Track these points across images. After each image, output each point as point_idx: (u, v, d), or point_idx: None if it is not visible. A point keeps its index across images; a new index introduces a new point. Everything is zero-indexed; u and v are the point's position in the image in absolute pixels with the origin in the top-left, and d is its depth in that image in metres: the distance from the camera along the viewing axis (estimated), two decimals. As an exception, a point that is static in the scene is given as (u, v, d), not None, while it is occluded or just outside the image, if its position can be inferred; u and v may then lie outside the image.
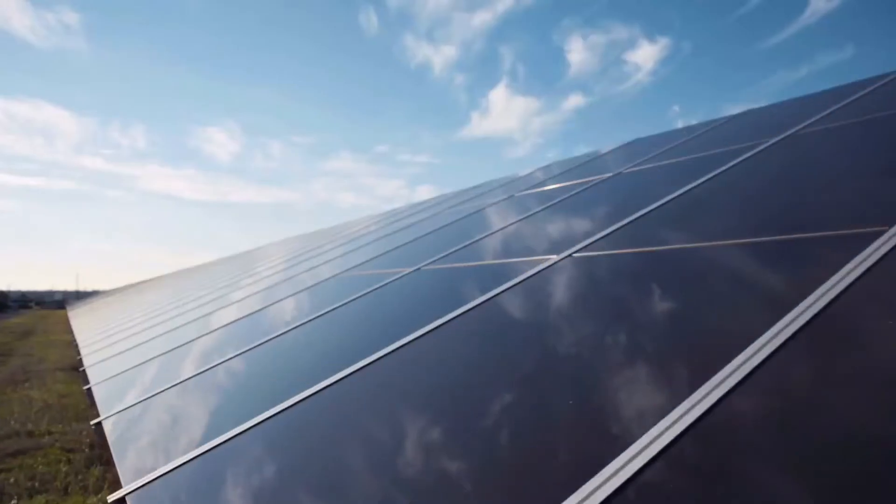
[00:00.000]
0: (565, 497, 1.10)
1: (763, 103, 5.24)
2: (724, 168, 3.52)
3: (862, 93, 4.33)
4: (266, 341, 3.22)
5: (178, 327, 5.40)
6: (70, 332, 15.26)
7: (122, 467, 2.10)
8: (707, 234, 2.39)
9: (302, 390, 2.16)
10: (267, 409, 2.11)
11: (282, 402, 2.10)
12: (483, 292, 2.63)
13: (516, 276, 2.71)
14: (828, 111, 4.11)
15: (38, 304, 43.04)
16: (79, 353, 8.66)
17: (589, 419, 1.32)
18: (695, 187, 3.26)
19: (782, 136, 3.86)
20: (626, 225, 2.98)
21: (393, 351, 2.25)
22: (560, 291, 2.32)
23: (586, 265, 2.54)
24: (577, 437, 1.26)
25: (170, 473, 1.84)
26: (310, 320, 3.38)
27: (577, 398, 1.44)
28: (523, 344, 1.89)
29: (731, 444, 1.09)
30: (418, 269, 3.75)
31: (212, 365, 3.13)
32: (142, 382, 3.55)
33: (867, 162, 2.70)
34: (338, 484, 1.43)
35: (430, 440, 1.49)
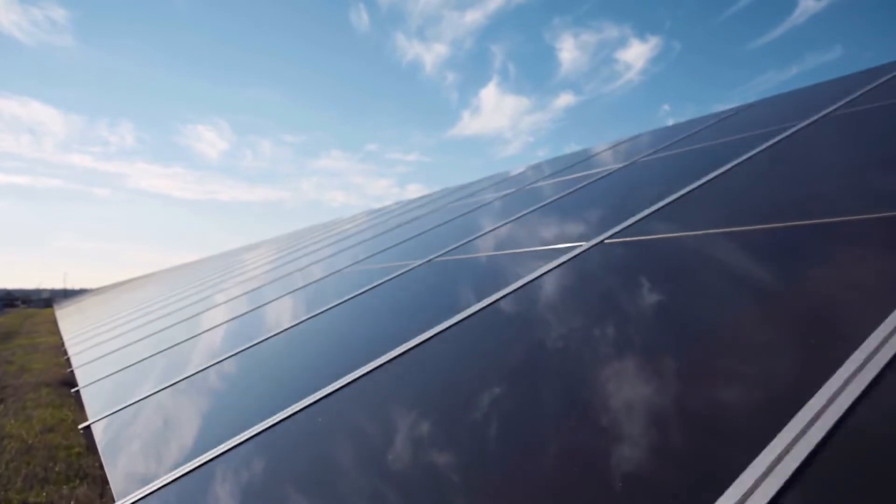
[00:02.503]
0: None
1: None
2: (561, 195, 4.66)
3: (714, 121, 5.39)
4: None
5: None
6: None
7: None
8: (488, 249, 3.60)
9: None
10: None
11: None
12: (370, 285, 3.90)
13: (391, 274, 3.95)
14: (675, 140, 5.16)
15: (24, 302, 42.76)
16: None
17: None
18: (519, 217, 4.40)
19: (626, 163, 4.94)
20: (471, 240, 4.13)
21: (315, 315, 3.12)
22: (412, 287, 3.34)
23: (441, 267, 3.59)
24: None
25: None
26: (263, 304, 4.15)
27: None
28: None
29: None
30: (340, 272, 5.04)
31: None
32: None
33: (634, 191, 3.70)
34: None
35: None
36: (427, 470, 1.34)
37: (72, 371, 6.22)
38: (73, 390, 4.36)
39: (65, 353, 8.90)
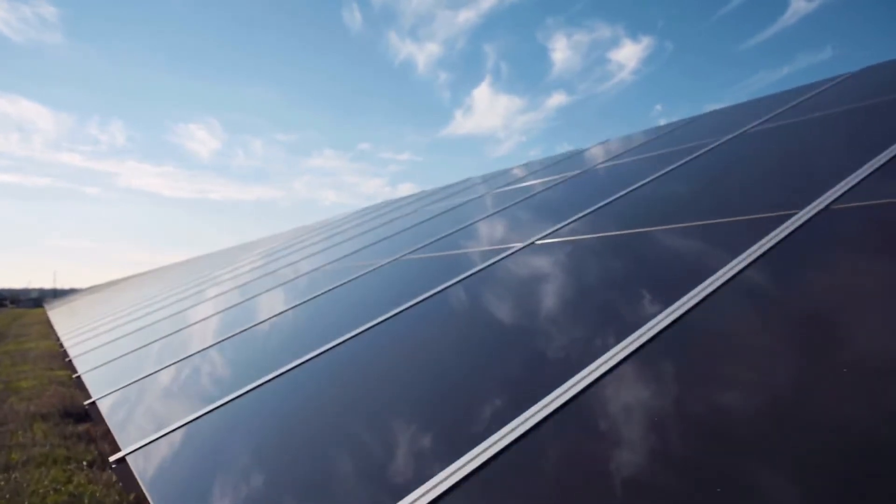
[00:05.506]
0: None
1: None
2: (513, 202, 5.25)
3: (663, 132, 6.06)
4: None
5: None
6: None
7: None
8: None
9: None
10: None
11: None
12: (345, 280, 3.95)
13: (362, 271, 4.34)
14: (629, 148, 5.74)
15: (13, 302, 42.72)
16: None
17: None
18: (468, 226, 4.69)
19: (578, 172, 5.54)
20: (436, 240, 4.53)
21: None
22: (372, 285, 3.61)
23: (405, 265, 3.98)
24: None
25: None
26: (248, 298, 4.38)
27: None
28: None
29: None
30: (319, 269, 5.22)
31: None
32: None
33: (572, 198, 4.33)
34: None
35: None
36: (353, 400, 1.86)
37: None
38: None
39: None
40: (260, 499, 1.58)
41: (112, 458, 2.23)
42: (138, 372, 3.85)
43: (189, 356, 3.68)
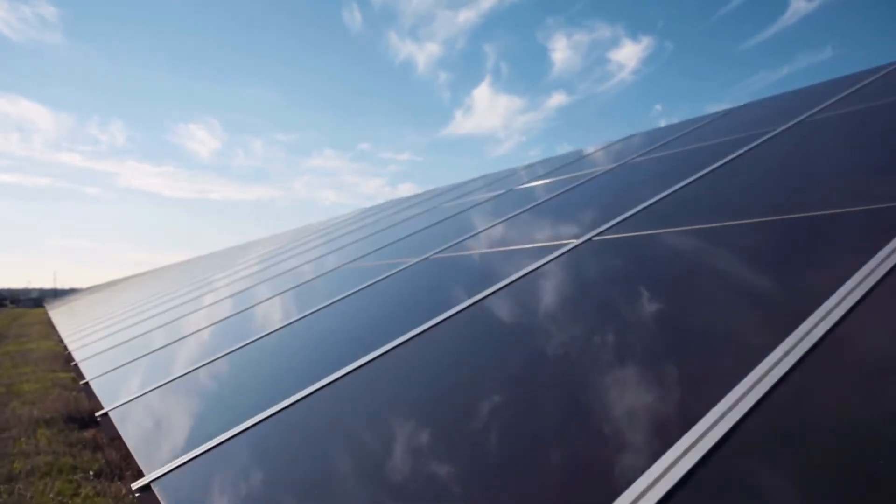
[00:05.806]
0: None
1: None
2: (549, 196, 5.03)
3: (691, 128, 5.76)
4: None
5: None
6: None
7: None
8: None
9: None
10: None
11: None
12: (374, 279, 3.73)
13: (390, 270, 3.98)
14: (655, 146, 5.48)
15: (13, 302, 42.46)
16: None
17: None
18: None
19: (613, 165, 5.08)
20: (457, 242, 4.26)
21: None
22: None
23: (437, 263, 3.70)
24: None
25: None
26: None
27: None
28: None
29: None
30: (351, 263, 5.05)
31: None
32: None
33: (619, 193, 4.04)
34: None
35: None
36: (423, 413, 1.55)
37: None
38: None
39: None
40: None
41: (135, 486, 1.93)
42: (154, 380, 3.54)
43: (213, 361, 3.38)
